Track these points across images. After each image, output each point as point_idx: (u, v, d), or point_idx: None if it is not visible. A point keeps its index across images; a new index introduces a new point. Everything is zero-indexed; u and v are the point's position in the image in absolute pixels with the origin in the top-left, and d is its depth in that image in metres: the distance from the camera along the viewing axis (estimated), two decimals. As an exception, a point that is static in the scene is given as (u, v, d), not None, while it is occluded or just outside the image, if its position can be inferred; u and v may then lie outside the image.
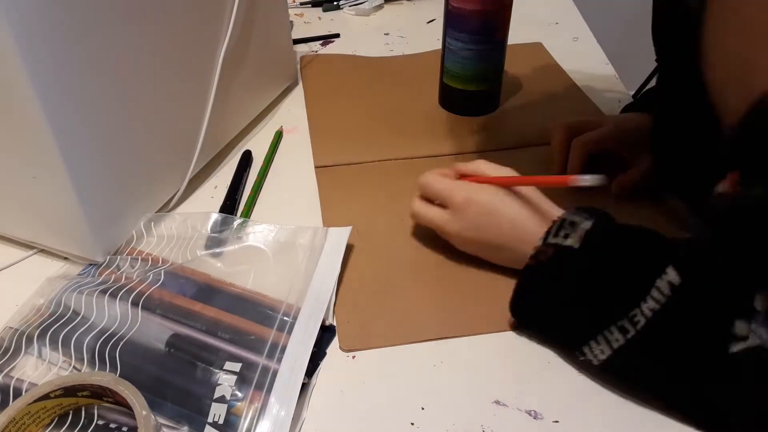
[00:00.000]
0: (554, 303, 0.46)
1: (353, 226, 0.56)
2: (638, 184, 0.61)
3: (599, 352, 0.44)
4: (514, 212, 0.50)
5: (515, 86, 0.80)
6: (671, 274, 0.42)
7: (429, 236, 0.57)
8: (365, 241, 0.57)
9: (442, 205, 0.54)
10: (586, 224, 0.46)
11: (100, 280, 0.52)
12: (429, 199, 0.55)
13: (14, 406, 0.40)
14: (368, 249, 0.56)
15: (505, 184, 0.52)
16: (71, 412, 0.43)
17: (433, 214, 0.54)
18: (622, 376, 0.45)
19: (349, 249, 0.55)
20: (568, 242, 0.46)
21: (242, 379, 0.44)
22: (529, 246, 0.48)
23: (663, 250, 0.45)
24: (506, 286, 0.52)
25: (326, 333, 0.49)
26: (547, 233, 0.47)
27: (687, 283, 0.41)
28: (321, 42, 0.92)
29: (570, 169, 0.63)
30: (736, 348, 0.40)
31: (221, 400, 0.43)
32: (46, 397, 0.41)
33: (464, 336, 0.49)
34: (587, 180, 0.46)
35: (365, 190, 0.63)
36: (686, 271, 0.42)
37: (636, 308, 0.42)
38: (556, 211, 0.50)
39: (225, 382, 0.44)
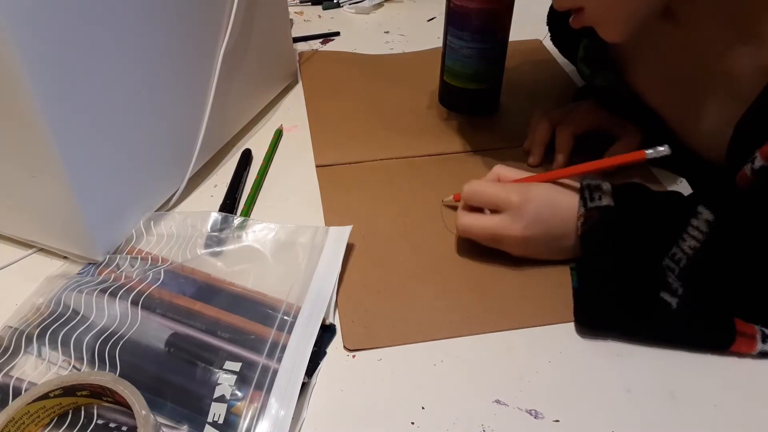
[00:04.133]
0: (616, 259, 0.49)
1: (354, 225, 0.56)
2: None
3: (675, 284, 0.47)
4: (568, 198, 0.52)
5: (514, 84, 0.80)
6: (705, 213, 0.47)
7: (430, 236, 0.57)
8: (366, 240, 0.57)
9: (493, 213, 0.52)
10: (607, 184, 0.50)
11: (100, 279, 0.52)
12: (474, 209, 0.54)
13: (13, 406, 0.40)
14: (369, 248, 0.56)
15: (552, 179, 0.53)
16: (71, 411, 0.43)
17: (489, 222, 0.52)
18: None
19: (349, 248, 0.55)
20: (605, 202, 0.50)
21: (242, 379, 0.44)
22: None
23: (686, 197, 0.51)
24: (508, 285, 0.53)
25: (326, 332, 0.49)
26: (584, 200, 0.50)
27: (721, 217, 0.46)
28: (321, 40, 0.92)
29: (560, 156, 0.64)
30: None
31: (221, 399, 0.43)
32: (45, 396, 0.41)
33: (465, 336, 0.49)
34: (653, 153, 0.50)
35: (366, 189, 0.63)
36: (717, 207, 0.47)
37: (675, 247, 0.48)
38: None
39: (225, 381, 0.44)
